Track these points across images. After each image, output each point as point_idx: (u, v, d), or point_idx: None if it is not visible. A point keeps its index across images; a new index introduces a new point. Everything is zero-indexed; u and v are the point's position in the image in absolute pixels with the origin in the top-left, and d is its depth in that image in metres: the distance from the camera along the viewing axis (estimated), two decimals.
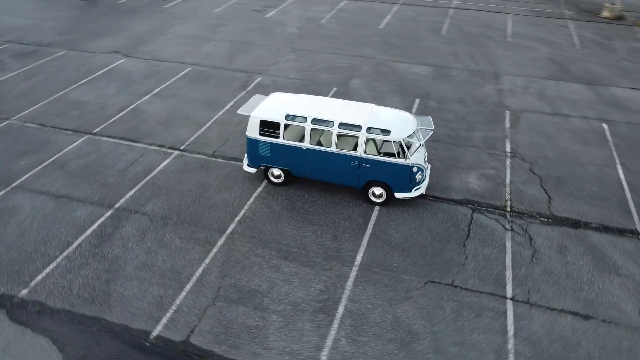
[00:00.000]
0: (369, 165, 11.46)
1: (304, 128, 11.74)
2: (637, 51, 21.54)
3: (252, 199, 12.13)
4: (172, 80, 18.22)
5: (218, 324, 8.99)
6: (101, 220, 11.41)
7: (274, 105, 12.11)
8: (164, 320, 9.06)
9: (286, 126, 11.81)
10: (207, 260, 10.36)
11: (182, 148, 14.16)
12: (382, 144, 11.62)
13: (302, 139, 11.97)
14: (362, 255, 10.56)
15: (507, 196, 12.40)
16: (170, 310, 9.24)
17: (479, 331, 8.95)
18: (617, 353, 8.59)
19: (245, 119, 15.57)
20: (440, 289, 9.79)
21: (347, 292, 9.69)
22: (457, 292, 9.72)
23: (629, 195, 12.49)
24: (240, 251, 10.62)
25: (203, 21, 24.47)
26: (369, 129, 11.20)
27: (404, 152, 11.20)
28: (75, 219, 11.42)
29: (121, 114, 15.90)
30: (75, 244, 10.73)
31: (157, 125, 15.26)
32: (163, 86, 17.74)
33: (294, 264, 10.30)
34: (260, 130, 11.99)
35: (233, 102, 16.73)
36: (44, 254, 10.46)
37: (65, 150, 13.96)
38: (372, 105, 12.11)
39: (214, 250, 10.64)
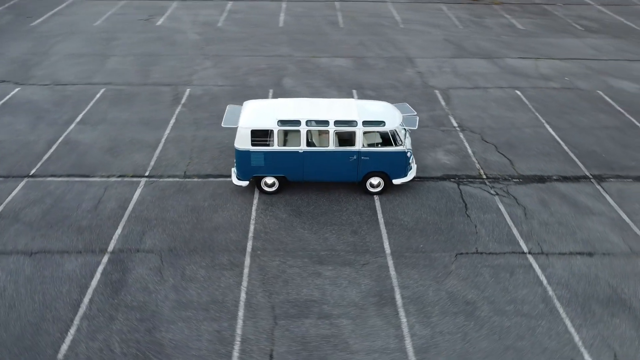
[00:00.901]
0: (368, 158, 11.79)
1: (298, 132, 11.61)
2: (507, 26, 24.75)
3: (253, 213, 11.70)
4: (91, 104, 16.42)
5: (293, 342, 8.70)
6: (101, 268, 10.11)
7: (260, 113, 11.77)
8: (236, 353, 8.49)
9: (279, 132, 11.58)
10: (244, 283, 9.85)
11: (147, 174, 12.99)
12: (377, 135, 11.98)
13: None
14: (388, 243, 10.92)
15: (478, 165, 13.67)
16: (237, 342, 8.68)
17: (521, 286, 9.93)
18: (627, 277, 10.20)
19: (200, 134, 14.76)
20: (470, 259, 10.59)
21: (395, 281, 10.00)
22: (485, 258, 10.61)
23: (566, 148, 14.59)
24: (273, 266, 10.27)
25: (88, 36, 22.20)
26: (364, 122, 11.51)
27: (399, 139, 11.74)
28: (69, 273, 9.95)
29: (52, 149, 13.97)
30: (86, 300, 9.40)
31: (103, 155, 13.74)
32: (84, 112, 15.91)
33: (332, 266, 10.29)
34: (252, 141, 11.58)
35: (174, 117, 15.69)
36: (54, 320, 9.00)
37: (8, 200, 11.93)
38: (352, 99, 12.43)
39: (245, 271, 10.13)
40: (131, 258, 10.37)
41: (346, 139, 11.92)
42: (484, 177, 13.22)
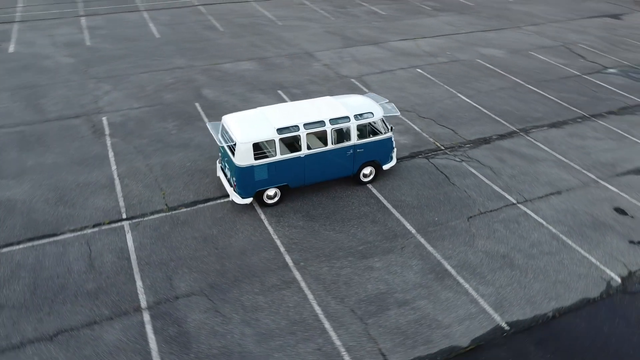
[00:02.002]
0: (362, 150, 12.19)
1: (298, 137, 11.45)
2: (371, 13, 26.79)
3: (269, 227, 11.29)
4: None
5: (393, 335, 8.88)
6: (150, 327, 8.88)
7: (253, 125, 11.30)
8: None
9: (280, 141, 11.29)
10: (310, 296, 9.60)
11: (125, 217, 11.51)
12: (367, 126, 12.40)
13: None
14: (409, 224, 11.56)
15: (432, 140, 15.01)
16: (343, 353, 8.54)
17: (531, 231, 11.47)
18: (593, 203, 12.47)
19: (154, 161, 13.43)
20: (480, 219, 11.81)
21: (437, 255, 10.72)
22: (490, 216, 11.94)
23: (486, 111, 16.79)
24: (324, 272, 10.17)
25: None
26: (355, 116, 11.87)
27: (386, 126, 12.38)
28: (116, 344, 8.56)
29: None
30: None
31: (56, 208, 11.72)
32: None
33: (377, 257, 10.59)
34: (254, 155, 11.11)
35: (110, 150, 13.96)
36: None
37: None
38: (327, 97, 12.64)
39: (303, 285, 9.86)
40: (175, 307, 9.29)
41: (339, 135, 12.14)
42: (443, 148, 14.61)
